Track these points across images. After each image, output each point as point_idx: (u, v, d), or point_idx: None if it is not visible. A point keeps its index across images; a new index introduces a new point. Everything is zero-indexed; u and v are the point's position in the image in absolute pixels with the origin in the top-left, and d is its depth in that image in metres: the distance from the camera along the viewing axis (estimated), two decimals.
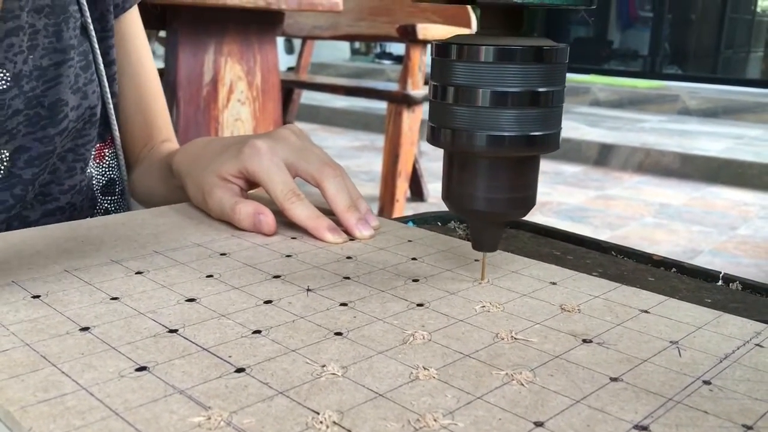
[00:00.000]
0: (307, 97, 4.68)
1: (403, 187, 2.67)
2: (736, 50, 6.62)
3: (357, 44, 7.50)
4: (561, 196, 3.38)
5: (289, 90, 3.43)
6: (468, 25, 2.50)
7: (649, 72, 6.49)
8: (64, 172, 0.63)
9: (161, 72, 0.69)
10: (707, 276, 0.50)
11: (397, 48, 6.70)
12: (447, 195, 0.42)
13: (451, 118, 0.39)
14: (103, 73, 0.66)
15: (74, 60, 0.62)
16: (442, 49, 0.39)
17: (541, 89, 0.38)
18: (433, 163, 3.85)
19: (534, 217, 2.83)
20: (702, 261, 2.50)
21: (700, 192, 3.61)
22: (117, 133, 0.69)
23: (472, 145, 0.38)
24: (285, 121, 2.98)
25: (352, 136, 4.89)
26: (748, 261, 2.54)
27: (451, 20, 2.58)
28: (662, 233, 2.85)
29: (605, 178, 3.87)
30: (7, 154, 0.57)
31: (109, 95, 0.67)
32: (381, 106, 3.58)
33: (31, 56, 0.58)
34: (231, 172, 0.54)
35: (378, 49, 7.45)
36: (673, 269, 0.52)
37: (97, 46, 0.65)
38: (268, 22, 2.15)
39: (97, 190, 0.68)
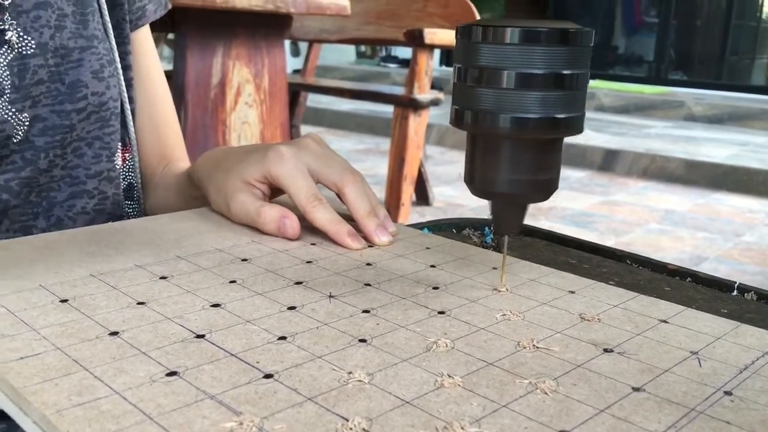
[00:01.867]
0: (313, 100, 4.68)
1: (408, 191, 2.67)
2: (741, 57, 6.62)
3: (362, 47, 7.51)
4: (566, 201, 3.38)
5: (295, 93, 3.44)
6: None
7: (655, 78, 6.49)
8: (91, 157, 0.64)
9: (169, 74, 0.71)
10: (722, 286, 0.50)
11: (403, 51, 6.71)
12: (469, 177, 0.42)
13: (475, 100, 0.39)
14: (121, 74, 0.68)
15: (99, 50, 0.64)
16: (467, 31, 0.39)
17: (565, 71, 0.38)
18: (438, 167, 3.86)
19: (539, 222, 2.80)
20: (707, 268, 2.50)
21: (705, 198, 3.61)
22: (134, 137, 0.70)
23: (497, 126, 0.39)
24: (291, 125, 2.99)
25: (357, 140, 4.89)
26: (754, 268, 2.54)
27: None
28: (667, 240, 2.85)
29: (610, 184, 3.87)
30: (28, 118, 0.59)
31: (126, 97, 0.69)
32: (386, 109, 3.59)
33: (58, 35, 0.61)
34: (255, 177, 0.55)
35: (383, 53, 7.46)
36: (689, 279, 0.52)
37: (115, 46, 0.67)
38: (276, 26, 2.16)
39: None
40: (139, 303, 0.40)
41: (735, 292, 0.50)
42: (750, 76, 6.63)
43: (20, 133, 0.59)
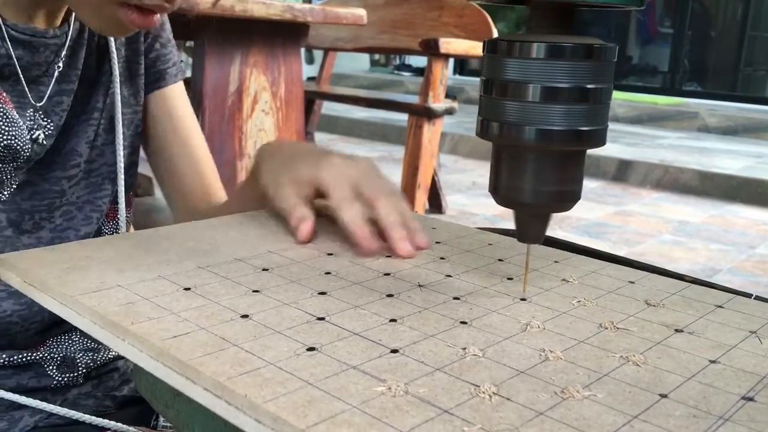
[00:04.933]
0: (326, 108, 4.71)
1: (422, 199, 2.68)
2: (756, 68, 6.59)
3: (376, 55, 7.53)
4: (579, 212, 3.38)
5: (310, 100, 3.46)
6: None
7: (669, 88, 6.47)
8: (81, 220, 0.68)
9: (187, 82, 0.75)
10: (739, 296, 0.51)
11: (417, 60, 6.72)
12: (494, 187, 0.44)
13: (501, 112, 0.40)
14: (121, 140, 0.71)
15: (98, 121, 0.68)
16: (494, 45, 0.40)
17: (589, 86, 0.39)
18: (451, 175, 3.86)
19: (553, 231, 2.80)
20: (721, 280, 2.50)
21: (719, 210, 3.60)
22: (122, 196, 0.72)
23: (522, 138, 0.40)
24: (306, 132, 3.01)
25: (370, 147, 4.91)
26: None
27: (472, 35, 2.60)
28: (680, 251, 2.85)
29: (623, 194, 3.87)
30: (17, 182, 0.63)
31: (122, 160, 0.71)
32: (400, 117, 3.61)
33: (66, 114, 0.65)
34: (303, 178, 0.58)
35: (397, 61, 7.47)
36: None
37: (120, 115, 0.70)
38: (293, 34, 2.18)
39: None
40: (255, 291, 0.43)
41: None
42: (765, 87, 6.60)
43: (5, 194, 0.62)
